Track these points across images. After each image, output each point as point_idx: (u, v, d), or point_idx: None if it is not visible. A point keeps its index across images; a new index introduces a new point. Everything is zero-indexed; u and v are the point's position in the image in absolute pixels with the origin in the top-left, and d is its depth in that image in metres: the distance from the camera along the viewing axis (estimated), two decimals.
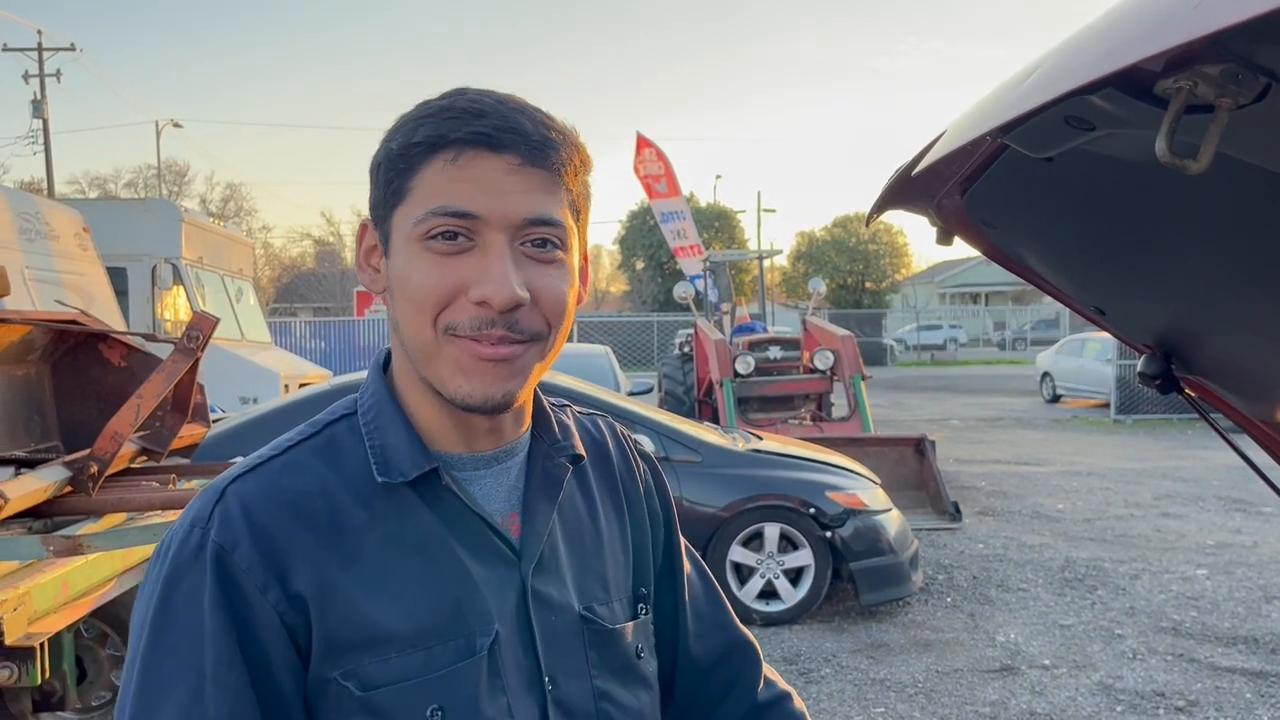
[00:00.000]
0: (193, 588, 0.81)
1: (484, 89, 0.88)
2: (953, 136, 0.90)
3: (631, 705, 0.98)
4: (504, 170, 0.83)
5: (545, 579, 0.93)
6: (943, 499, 8.33)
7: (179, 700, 0.79)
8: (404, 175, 0.84)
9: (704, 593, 1.14)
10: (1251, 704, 4.64)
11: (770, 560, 5.82)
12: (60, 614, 2.98)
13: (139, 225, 10.00)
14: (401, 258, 0.85)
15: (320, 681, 0.84)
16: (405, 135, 0.85)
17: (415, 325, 0.85)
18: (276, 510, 0.85)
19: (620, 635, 0.99)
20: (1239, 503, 9.40)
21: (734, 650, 1.15)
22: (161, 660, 0.81)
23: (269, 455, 0.90)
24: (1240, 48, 0.62)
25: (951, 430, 15.93)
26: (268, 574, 0.82)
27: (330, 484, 0.88)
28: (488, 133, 0.82)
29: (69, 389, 3.89)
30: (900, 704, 4.68)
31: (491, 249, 0.83)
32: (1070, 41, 0.75)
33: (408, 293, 0.85)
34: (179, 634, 0.81)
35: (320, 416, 0.95)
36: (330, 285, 43.39)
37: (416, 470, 0.88)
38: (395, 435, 0.90)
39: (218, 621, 0.80)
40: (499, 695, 0.88)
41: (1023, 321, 44.28)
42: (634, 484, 1.08)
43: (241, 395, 9.31)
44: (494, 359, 0.84)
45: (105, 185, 46.42)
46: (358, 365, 18.17)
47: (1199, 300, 1.17)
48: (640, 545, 1.06)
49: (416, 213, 0.83)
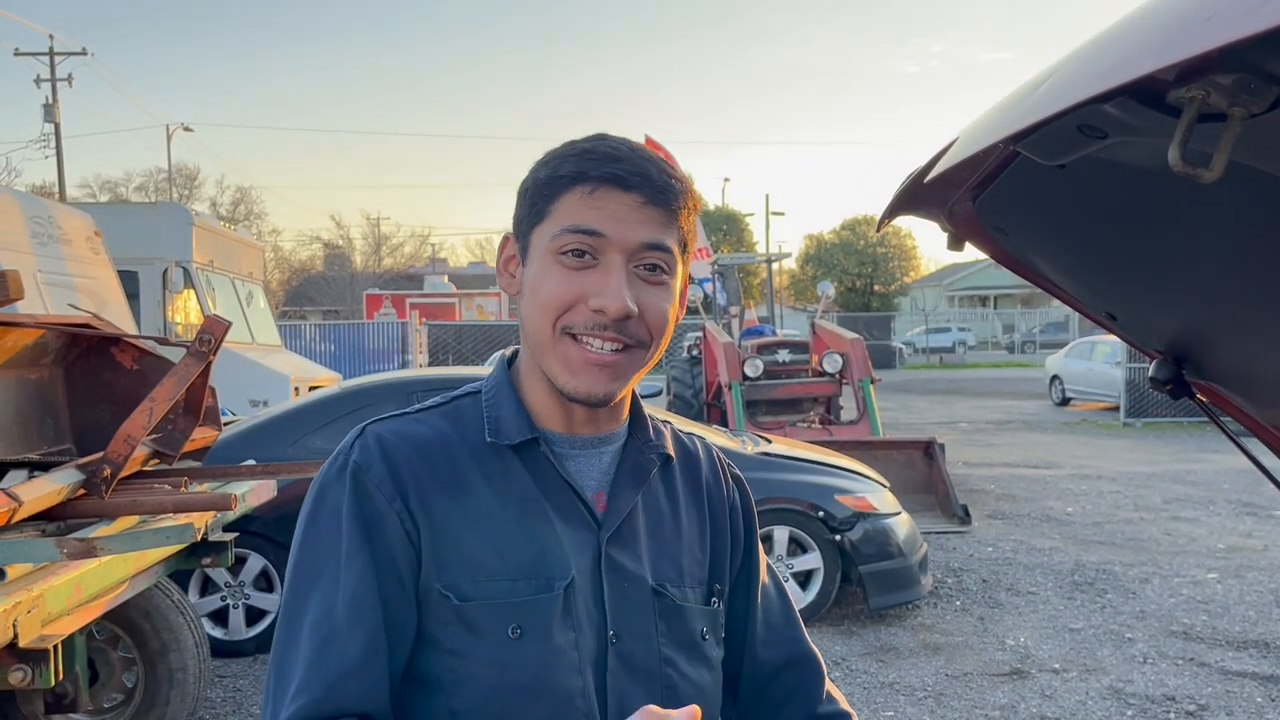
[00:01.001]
0: (335, 498, 1.01)
1: (622, 137, 1.05)
2: (965, 144, 0.91)
3: (694, 677, 1.10)
4: (629, 205, 1.00)
5: (621, 549, 1.07)
6: (952, 502, 8.32)
7: (325, 576, 0.99)
8: (546, 200, 1.02)
9: (779, 606, 1.25)
10: (1262, 708, 4.63)
11: (779, 563, 5.81)
12: (73, 616, 2.99)
13: (150, 229, 10.03)
14: (536, 267, 1.03)
15: (426, 590, 1.00)
16: (552, 168, 1.03)
17: (538, 323, 1.02)
18: (405, 447, 1.04)
19: (688, 613, 1.11)
20: (1249, 506, 9.36)
21: (799, 661, 1.23)
22: (310, 551, 1.01)
23: (404, 412, 1.10)
24: (1253, 58, 0.62)
25: (960, 433, 15.89)
26: (394, 490, 1.01)
27: (450, 439, 1.06)
28: (620, 175, 1.00)
29: (82, 392, 3.91)
30: (910, 707, 4.67)
31: (611, 267, 1.00)
32: (1083, 50, 0.75)
33: (538, 297, 1.02)
34: (323, 531, 1.01)
35: (453, 393, 1.13)
36: (340, 288, 43.47)
37: (520, 437, 1.06)
38: (508, 410, 1.08)
39: (352, 523, 1.00)
40: (569, 630, 1.02)
41: (1032, 324, 44.15)
42: (720, 498, 1.21)
43: (252, 398, 9.34)
44: (599, 364, 1.01)
45: (116, 189, 46.60)
46: (367, 368, 18.20)
47: (1210, 306, 1.17)
48: (719, 549, 1.18)
49: (553, 230, 1.01)
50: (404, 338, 19.83)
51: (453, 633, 1.00)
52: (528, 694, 1.00)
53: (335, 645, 0.96)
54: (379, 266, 49.93)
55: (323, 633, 0.97)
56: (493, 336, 21.40)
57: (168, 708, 3.96)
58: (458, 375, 6.70)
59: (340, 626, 0.97)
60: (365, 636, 0.97)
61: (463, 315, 27.05)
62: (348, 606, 0.97)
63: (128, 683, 4.07)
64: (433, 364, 20.25)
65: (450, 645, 1.00)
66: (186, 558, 3.71)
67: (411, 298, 27.63)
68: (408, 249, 53.79)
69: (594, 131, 1.07)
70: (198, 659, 4.04)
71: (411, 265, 50.84)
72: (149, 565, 3.45)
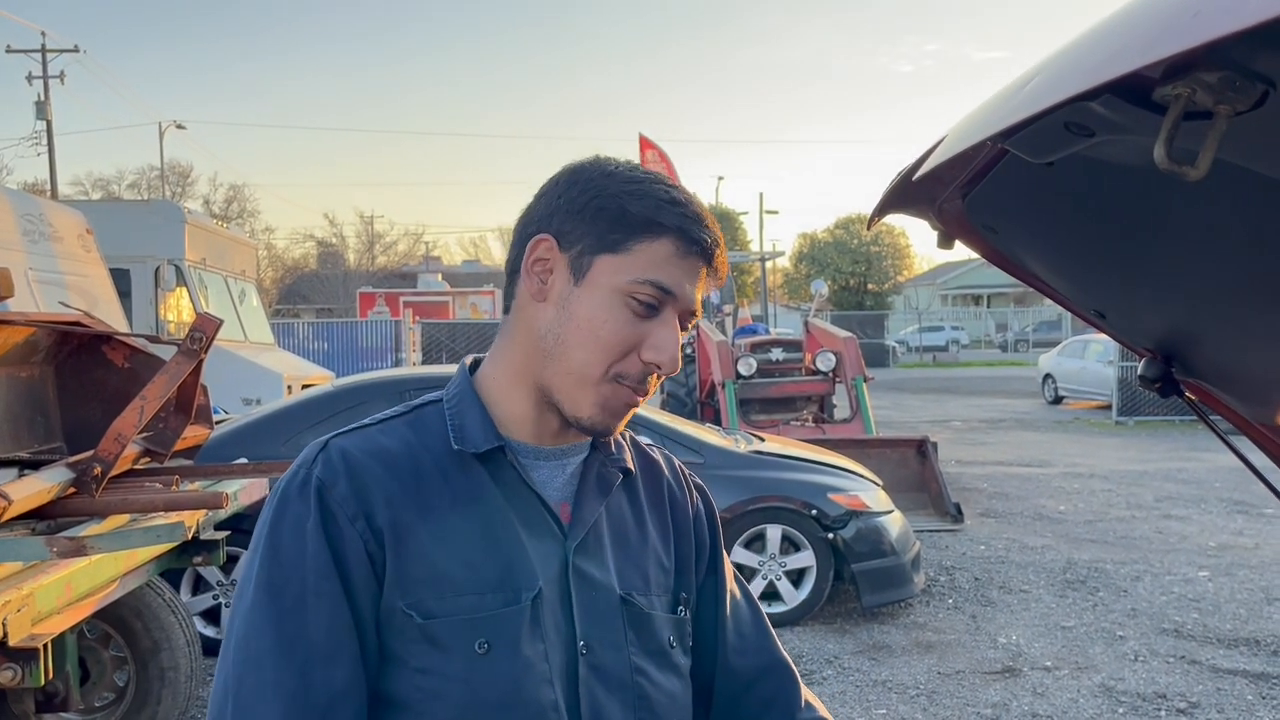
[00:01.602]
0: (297, 515, 0.98)
1: (697, 198, 1.06)
2: (954, 141, 0.91)
3: (665, 686, 1.09)
4: (699, 272, 1.04)
5: (587, 559, 1.07)
6: (944, 500, 8.33)
7: (283, 605, 0.95)
8: (631, 234, 1.01)
9: (749, 615, 1.24)
10: (1253, 705, 4.64)
11: (772, 562, 5.83)
12: (64, 615, 2.98)
13: (142, 226, 10.00)
14: (598, 299, 1.01)
15: (389, 610, 0.98)
16: (649, 208, 1.01)
17: (585, 358, 1.01)
18: (370, 461, 1.01)
19: (656, 621, 1.11)
20: (1240, 505, 9.39)
21: (774, 670, 1.23)
22: (269, 573, 0.97)
23: (367, 423, 1.07)
24: (1238, 55, 0.62)
25: (953, 432, 15.92)
26: (358, 508, 0.98)
27: (415, 448, 1.04)
28: (709, 250, 1.03)
29: (72, 390, 3.90)
30: (902, 705, 4.68)
31: (668, 322, 1.02)
32: (1070, 48, 0.75)
33: (598, 335, 1.01)
34: (285, 552, 0.97)
35: (413, 401, 1.11)
36: (333, 286, 43.35)
37: (487, 445, 1.04)
38: (472, 417, 1.06)
39: (318, 542, 0.97)
40: (538, 642, 1.01)
41: (1025, 323, 44.25)
42: (683, 507, 1.21)
43: (245, 396, 9.31)
44: (630, 407, 1.04)
45: (108, 186, 46.39)
46: (360, 366, 18.16)
47: (1199, 304, 1.17)
48: (683, 557, 1.18)
49: (634, 273, 1.00)
50: (397, 336, 19.78)
51: (418, 650, 0.98)
52: (499, 709, 0.98)
53: (318, 672, 0.94)
54: (372, 265, 49.85)
55: (299, 657, 0.94)
56: (486, 335, 21.32)
57: (159, 707, 3.95)
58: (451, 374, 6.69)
59: (320, 652, 0.95)
60: (348, 662, 0.96)
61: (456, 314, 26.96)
62: (326, 631, 0.95)
63: (119, 681, 4.06)
64: (426, 362, 20.20)
65: (416, 663, 0.98)
66: (178, 556, 3.70)
67: (405, 296, 27.57)
68: (401, 247, 53.70)
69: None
70: (189, 657, 4.03)
71: (405, 263, 50.71)
72: (140, 564, 3.43)
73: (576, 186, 1.03)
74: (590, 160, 1.07)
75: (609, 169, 1.04)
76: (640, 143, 19.57)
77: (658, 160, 19.44)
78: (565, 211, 1.03)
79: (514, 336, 1.07)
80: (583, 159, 1.08)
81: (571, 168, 1.06)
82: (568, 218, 1.03)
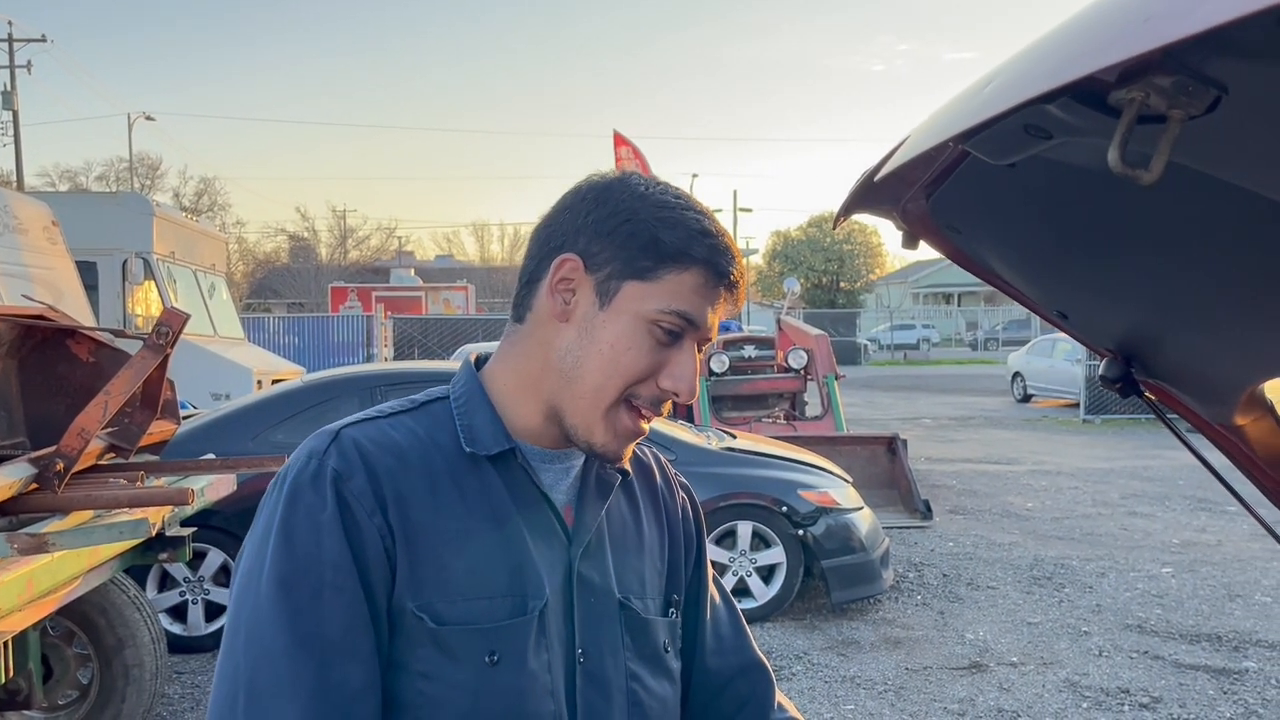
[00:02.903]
0: (311, 506, 0.94)
1: (723, 228, 1.04)
2: (915, 142, 0.91)
3: (657, 691, 1.10)
4: (722, 301, 1.03)
5: (590, 564, 1.06)
6: (914, 497, 8.39)
7: (299, 599, 0.92)
8: (661, 263, 0.99)
9: (726, 615, 1.25)
10: (1214, 700, 4.71)
11: (743, 558, 5.85)
12: (25, 612, 2.94)
13: (110, 219, 9.88)
14: (621, 323, 1.00)
15: (399, 610, 0.96)
16: (681, 238, 0.99)
17: (601, 381, 1.00)
18: (384, 454, 0.99)
19: (652, 626, 1.11)
20: (1204, 502, 9.52)
21: (749, 671, 1.24)
22: (282, 566, 0.93)
23: (375, 415, 1.04)
24: (1190, 60, 0.63)
25: (923, 429, 16.03)
26: (374, 502, 0.96)
27: (427, 446, 1.02)
28: (733, 281, 1.02)
29: (36, 385, 3.84)
30: (870, 701, 4.71)
31: (688, 350, 1.02)
32: (1028, 51, 0.76)
33: (618, 360, 1.00)
34: (300, 544, 0.93)
35: (418, 397, 1.08)
36: (304, 281, 43.04)
37: (498, 447, 1.03)
38: (482, 418, 1.05)
39: (335, 535, 0.94)
40: (543, 653, 1.01)
41: (995, 322, 44.63)
42: (675, 509, 1.22)
43: (214, 391, 9.23)
44: (640, 434, 1.04)
45: (76, 178, 45.74)
46: (332, 361, 18.04)
47: (1156, 306, 1.19)
48: (675, 560, 1.19)
49: (660, 302, 0.99)
50: (369, 331, 19.68)
51: (425, 655, 0.96)
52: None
53: (336, 669, 0.92)
54: (344, 259, 49.53)
55: (316, 653, 0.91)
56: (459, 331, 21.27)
57: (124, 704, 3.91)
58: (423, 370, 6.66)
59: (337, 648, 0.92)
60: (366, 659, 0.93)
61: (429, 309, 26.85)
62: (342, 628, 0.93)
63: (83, 679, 4.02)
64: (398, 358, 20.11)
65: (421, 668, 0.96)
66: (143, 553, 3.66)
67: (377, 291, 27.40)
68: (374, 242, 53.41)
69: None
70: (154, 655, 3.99)
71: (378, 258, 50.43)
72: (103, 560, 3.40)
73: (606, 206, 1.00)
74: (619, 178, 1.04)
75: (640, 190, 1.01)
76: (614, 139, 19.56)
77: (631, 157, 19.44)
78: (593, 232, 1.00)
79: (528, 349, 1.05)
80: (609, 174, 1.05)
81: (599, 184, 1.03)
82: (595, 238, 1.00)
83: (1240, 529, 8.29)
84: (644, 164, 19.52)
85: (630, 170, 1.06)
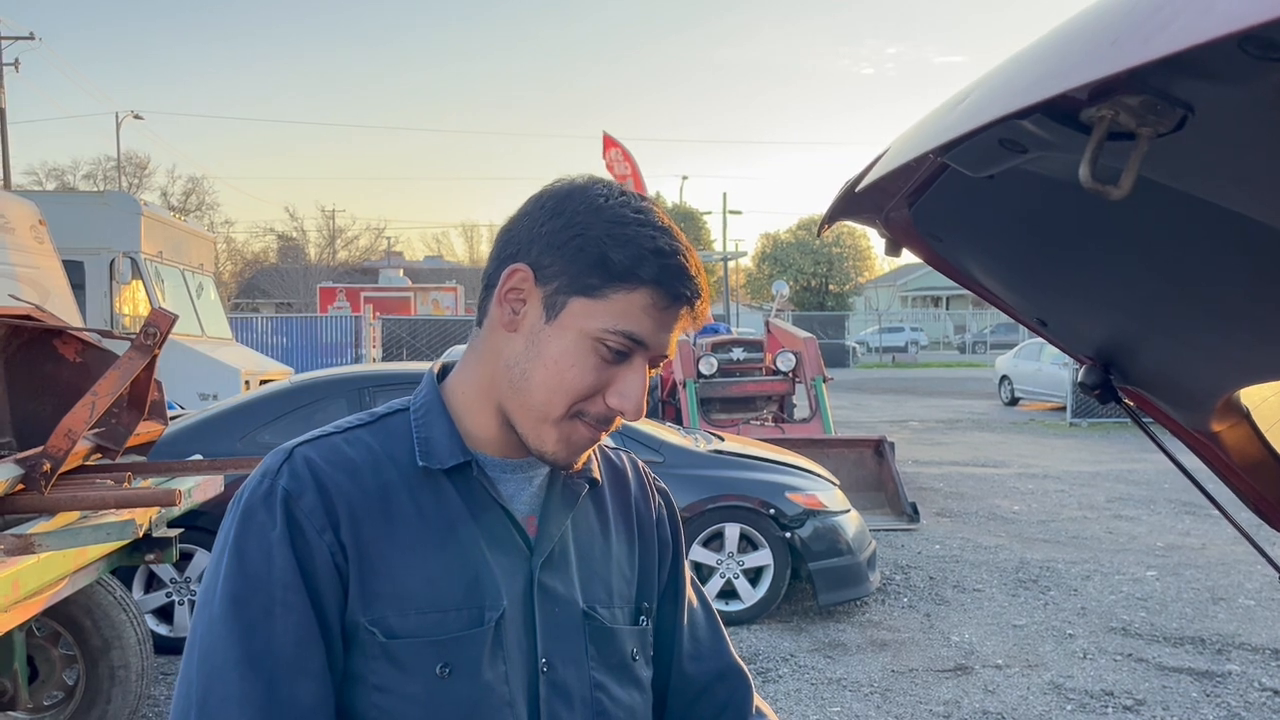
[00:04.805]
0: (262, 525, 0.96)
1: (679, 233, 1.01)
2: (895, 154, 0.93)
3: (624, 700, 1.09)
4: (680, 319, 1.00)
5: (552, 574, 1.06)
6: (901, 500, 8.42)
7: (250, 617, 0.93)
8: (609, 282, 0.97)
9: (705, 620, 1.24)
10: (1197, 703, 4.75)
11: (730, 560, 5.87)
12: (11, 613, 2.94)
13: (97, 218, 9.84)
14: (567, 339, 0.98)
15: (352, 625, 0.97)
16: (630, 256, 0.96)
17: (547, 397, 0.99)
18: (335, 472, 0.99)
19: (618, 635, 1.10)
20: (1188, 506, 9.58)
21: (727, 676, 1.23)
22: (235, 584, 0.94)
23: (331, 431, 1.04)
24: (1156, 81, 0.65)
25: (911, 432, 16.08)
26: (325, 520, 0.96)
27: (381, 461, 1.02)
28: (691, 299, 0.99)
29: (23, 385, 3.84)
30: (856, 703, 4.73)
31: (637, 369, 1.00)
32: (1004, 66, 0.78)
33: (563, 377, 0.98)
34: (251, 563, 0.95)
35: (378, 409, 1.08)
36: (293, 281, 42.91)
37: (453, 460, 1.02)
38: (439, 430, 1.04)
39: (284, 554, 0.95)
40: (499, 664, 1.00)
41: (983, 325, 44.76)
42: (648, 513, 1.20)
43: (201, 392, 9.21)
44: (592, 442, 1.03)
45: (63, 177, 45.49)
46: (320, 362, 18.01)
47: (1132, 314, 1.21)
48: (647, 566, 1.18)
49: (606, 321, 0.97)
50: (358, 332, 19.65)
51: (378, 668, 0.97)
52: None
53: (285, 685, 0.92)
54: (333, 259, 49.44)
55: (266, 669, 0.92)
56: (448, 331, 21.24)
57: (109, 706, 3.91)
58: (411, 371, 6.66)
59: (287, 665, 0.93)
60: (316, 676, 0.94)
61: (418, 310, 26.81)
62: (293, 645, 0.93)
63: (69, 680, 4.01)
64: (387, 359, 20.08)
65: (375, 680, 0.97)
66: (129, 554, 3.66)
67: (366, 291, 27.36)
68: (363, 242, 53.31)
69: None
70: (140, 656, 3.98)
71: (366, 259, 50.34)
72: (90, 561, 3.39)
73: (561, 218, 0.99)
74: (580, 187, 1.01)
75: (597, 202, 0.98)
76: (604, 141, 19.59)
77: (621, 159, 19.48)
78: (545, 244, 0.99)
79: (483, 355, 1.05)
80: (574, 180, 1.03)
81: (560, 193, 1.01)
82: (546, 250, 0.99)
83: (1224, 533, 8.35)
84: (633, 165, 19.55)
85: (596, 178, 1.03)
